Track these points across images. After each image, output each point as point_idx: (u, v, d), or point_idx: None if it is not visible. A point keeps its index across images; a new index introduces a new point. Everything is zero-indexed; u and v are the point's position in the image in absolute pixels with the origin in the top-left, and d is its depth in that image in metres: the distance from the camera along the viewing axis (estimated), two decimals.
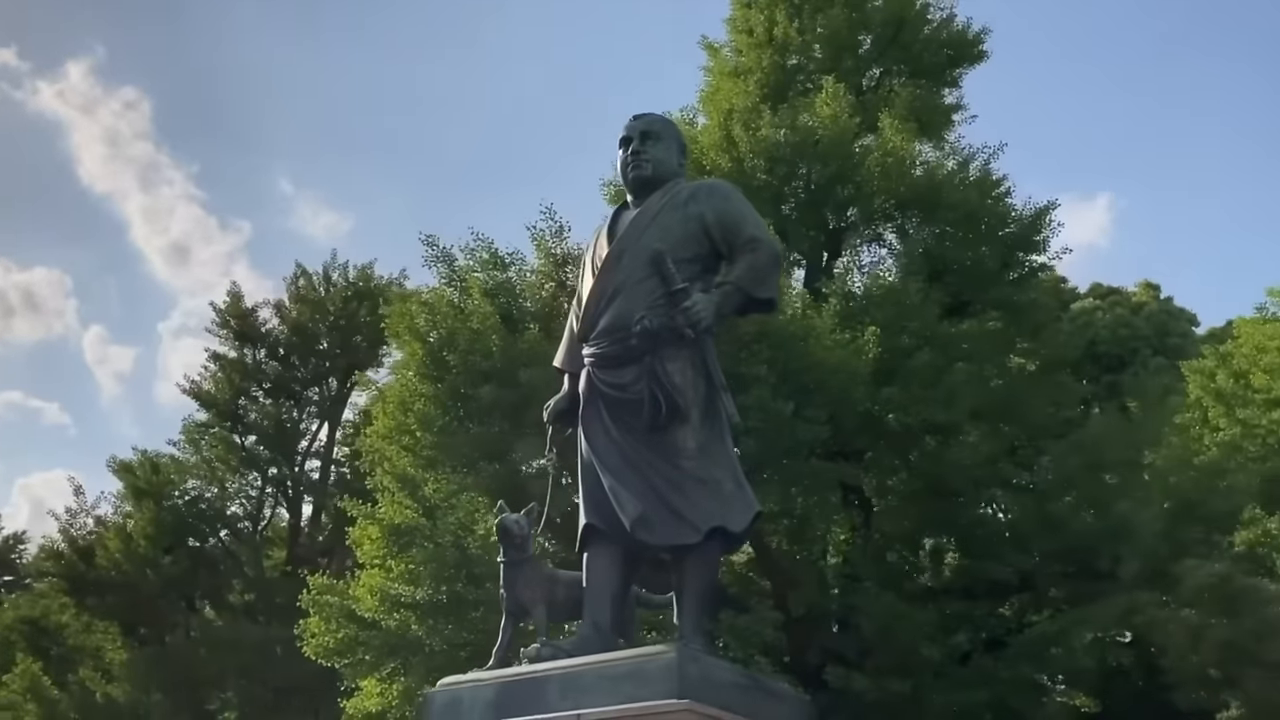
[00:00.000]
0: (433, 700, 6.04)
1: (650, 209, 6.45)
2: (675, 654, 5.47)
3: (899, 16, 21.60)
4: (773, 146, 18.12)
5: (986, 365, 17.10)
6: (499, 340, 15.14)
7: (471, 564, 14.62)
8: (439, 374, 15.71)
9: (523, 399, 15.03)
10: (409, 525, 15.06)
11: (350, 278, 33.58)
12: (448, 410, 15.70)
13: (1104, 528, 16.44)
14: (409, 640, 14.99)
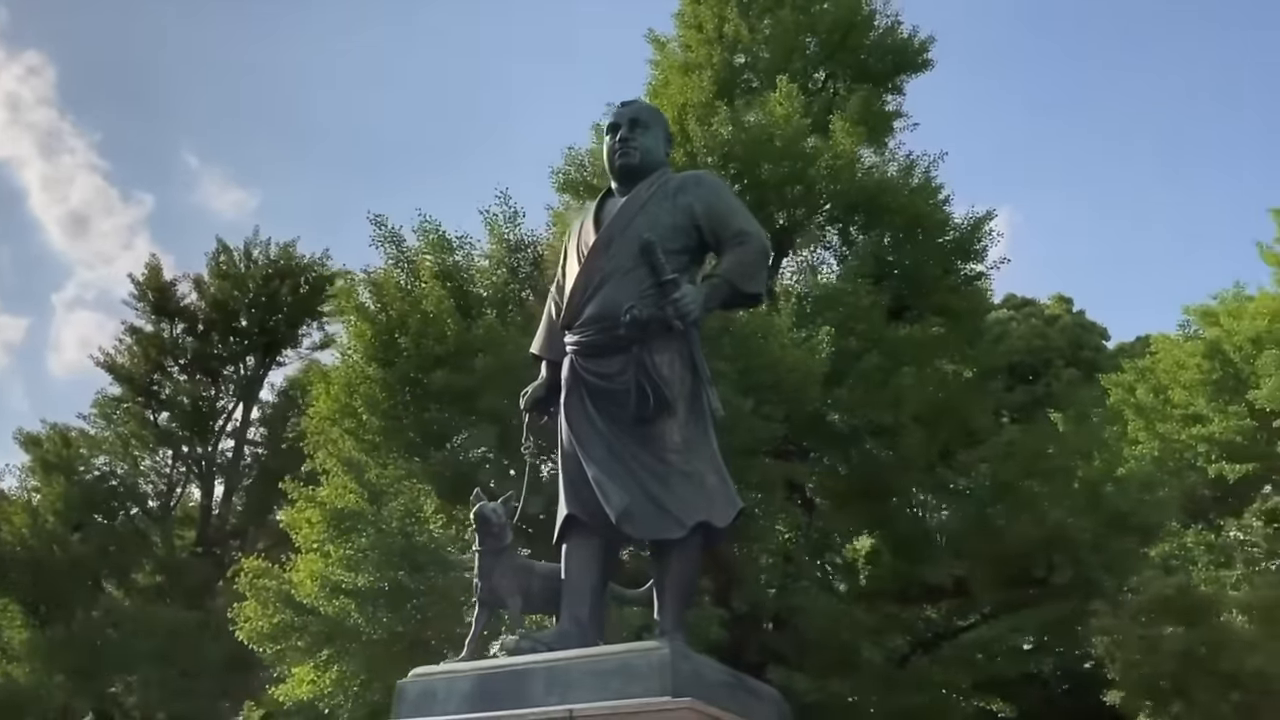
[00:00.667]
0: (405, 691, 5.85)
1: (638, 197, 6.36)
2: (668, 651, 5.36)
3: (847, 21, 21.86)
4: (727, 143, 18.14)
5: (928, 370, 17.34)
6: (453, 325, 14.88)
7: (417, 552, 14.39)
8: (388, 357, 15.40)
9: (476, 385, 14.87)
10: (352, 510, 14.72)
11: (271, 255, 32.90)
12: (395, 394, 15.39)
13: (1038, 536, 16.78)
14: (347, 627, 14.69)
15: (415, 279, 16.53)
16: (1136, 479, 18.21)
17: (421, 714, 5.73)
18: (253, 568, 15.70)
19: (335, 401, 15.76)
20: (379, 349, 15.63)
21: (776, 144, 18.31)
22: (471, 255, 17.07)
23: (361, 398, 15.31)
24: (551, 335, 6.60)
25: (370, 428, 15.23)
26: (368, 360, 15.67)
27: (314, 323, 32.94)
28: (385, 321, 15.76)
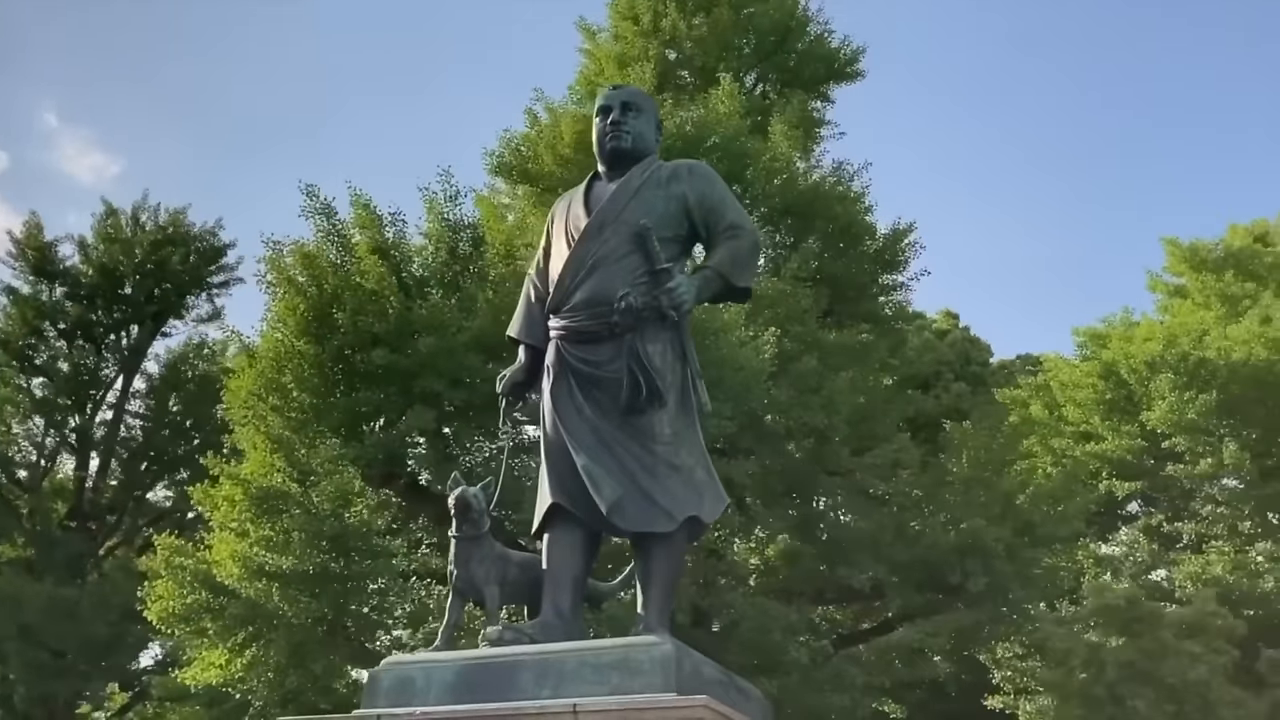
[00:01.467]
0: (378, 680, 5.59)
1: (631, 183, 6.24)
2: (671, 646, 5.25)
3: (784, 25, 22.04)
4: (670, 136, 18.07)
5: (857, 375, 17.59)
6: (396, 303, 14.47)
7: (348, 536, 13.94)
8: (321, 333, 14.87)
9: (417, 366, 14.49)
10: (278, 490, 14.16)
11: (161, 221, 31.59)
12: (327, 372, 14.89)
13: (953, 544, 17.15)
14: (267, 611, 14.14)
15: (347, 254, 16.03)
16: (1045, 492, 18.78)
17: (397, 704, 5.45)
18: (167, 545, 14.99)
19: (261, 376, 15.16)
20: (312, 324, 15.10)
21: (717, 142, 18.34)
22: (403, 233, 16.67)
23: (292, 374, 14.76)
24: (531, 319, 6.44)
25: (300, 405, 14.69)
26: (298, 335, 15.11)
27: (203, 294, 31.80)
28: (318, 296, 15.23)
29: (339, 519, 13.76)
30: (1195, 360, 22.55)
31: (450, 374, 14.43)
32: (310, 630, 14.39)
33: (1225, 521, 22.03)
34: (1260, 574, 20.14)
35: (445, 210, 16.33)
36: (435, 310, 14.46)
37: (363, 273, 15.39)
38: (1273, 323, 22.99)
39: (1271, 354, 22.48)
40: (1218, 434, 22.28)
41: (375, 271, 14.87)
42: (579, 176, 19.63)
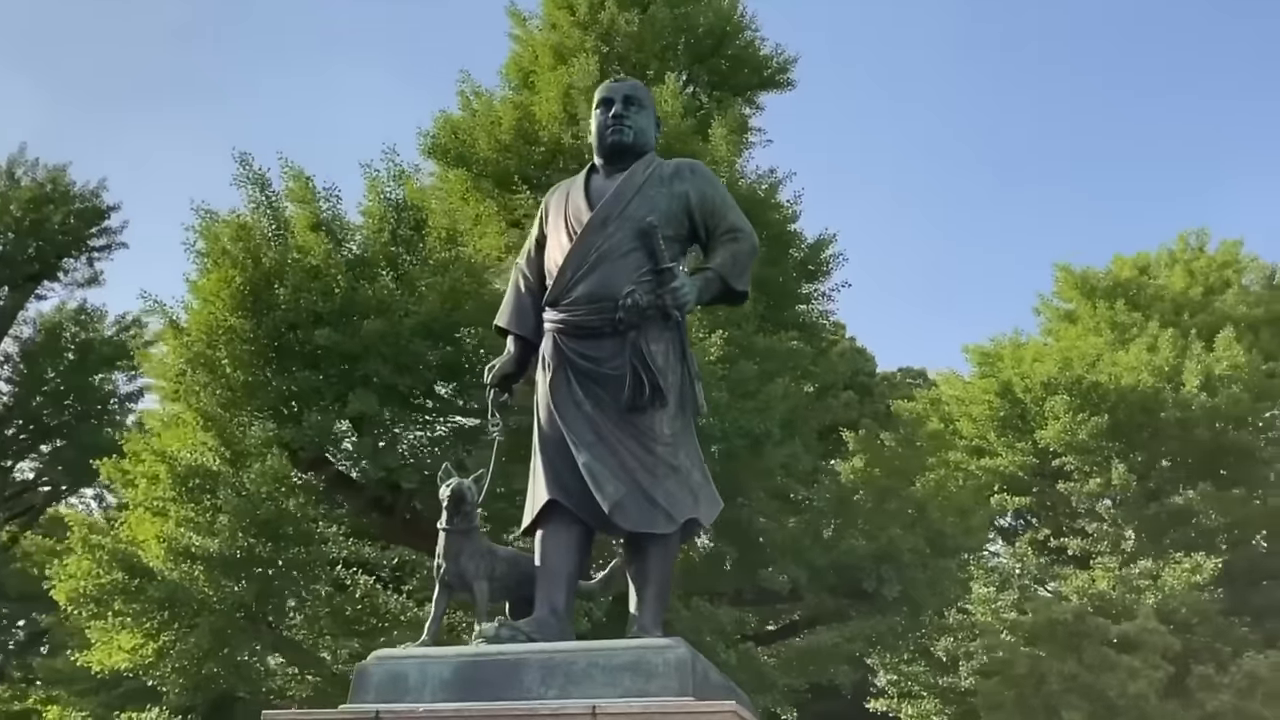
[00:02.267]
0: (367, 675, 5.43)
1: (634, 179, 6.20)
2: (685, 650, 5.25)
3: (720, 28, 22.10)
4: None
5: (788, 382, 17.77)
6: (343, 282, 14.01)
7: (283, 521, 13.44)
8: (260, 308, 14.30)
9: (360, 349, 14.08)
10: (208, 469, 13.55)
11: (39, 178, 29.98)
12: (262, 350, 14.32)
13: (869, 550, 17.50)
14: (190, 595, 13.53)
15: (280, 227, 15.46)
16: (954, 503, 19.31)
17: (389, 700, 5.31)
18: (79, 520, 14.21)
19: (188, 350, 14.49)
20: (248, 299, 14.50)
21: (659, 141, 18.28)
22: (336, 209, 16.17)
23: (226, 350, 14.15)
24: (521, 310, 6.35)
25: (234, 383, 14.10)
26: (232, 309, 14.49)
27: (82, 257, 30.30)
28: (254, 270, 14.63)
29: (274, 503, 13.24)
30: (1088, 384, 23.53)
31: (394, 358, 14.06)
32: (231, 616, 13.84)
33: (1109, 539, 23.05)
34: (1141, 590, 21.12)
35: (387, 190, 15.92)
36: (383, 292, 14.05)
37: (301, 248, 14.87)
38: (1158, 352, 24.13)
39: (1157, 381, 23.60)
40: (1106, 455, 23.29)
41: (321, 248, 14.37)
42: (517, 164, 19.39)
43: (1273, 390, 23.92)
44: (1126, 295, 26.67)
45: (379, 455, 13.97)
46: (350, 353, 14.04)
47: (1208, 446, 23.27)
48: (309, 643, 14.56)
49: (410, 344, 14.03)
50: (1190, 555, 21.11)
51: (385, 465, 13.83)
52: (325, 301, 14.09)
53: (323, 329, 13.91)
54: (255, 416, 14.03)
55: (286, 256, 14.67)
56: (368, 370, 13.99)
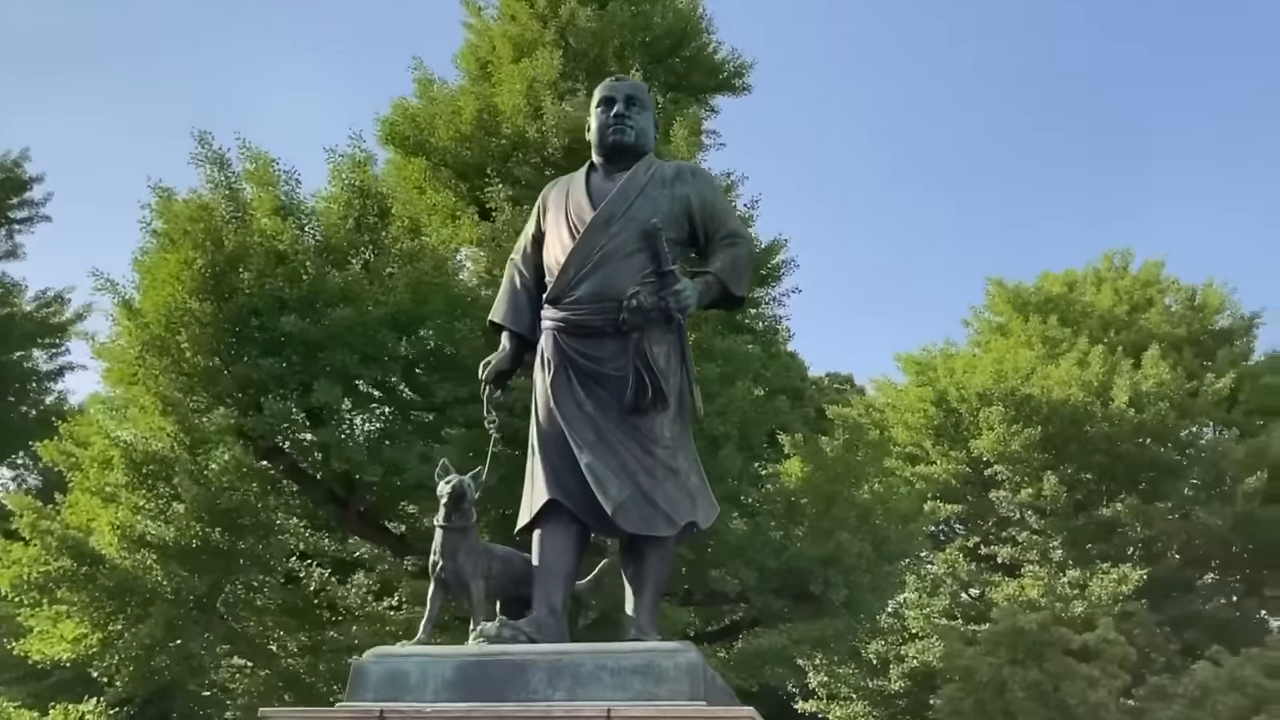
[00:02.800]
0: (365, 672, 5.37)
1: (637, 179, 6.23)
2: (695, 654, 5.31)
3: (680, 29, 22.12)
4: (579, 128, 17.86)
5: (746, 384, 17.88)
6: (312, 269, 13.70)
7: (243, 511, 13.11)
8: (222, 292, 13.92)
9: (326, 338, 13.79)
10: (164, 455, 13.15)
11: None
12: (222, 335, 13.94)
13: (817, 554, 17.66)
14: (140, 584, 13.13)
15: (239, 210, 15.07)
16: (897, 510, 19.60)
17: (389, 698, 5.26)
18: (24, 505, 13.68)
19: (144, 332, 14.05)
20: (209, 281, 14.09)
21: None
22: (295, 193, 15.83)
23: (185, 333, 13.74)
24: (517, 306, 6.34)
25: (194, 368, 13.70)
26: (192, 292, 14.08)
27: (1, 229, 29.21)
28: (215, 252, 14.23)
29: (234, 492, 12.91)
30: (1021, 396, 24.08)
31: (361, 349, 13.81)
32: (183, 607, 13.47)
33: (1037, 548, 23.63)
34: (1070, 599, 21.71)
35: (350, 176, 15.61)
36: (352, 280, 13.79)
37: (263, 231, 14.51)
38: (1088, 367, 24.79)
39: (1087, 396, 24.25)
40: (1037, 467, 23.87)
41: (289, 233, 14.04)
42: (477, 155, 19.14)
43: (1194, 408, 24.72)
44: (1057, 311, 27.34)
45: (340, 447, 13.69)
46: (315, 341, 13.75)
47: (1133, 461, 23.98)
48: (260, 636, 14.23)
49: (377, 334, 13.80)
50: (1117, 566, 21.75)
51: (348, 458, 13.56)
52: (292, 288, 13.78)
53: (289, 316, 13.60)
54: (215, 403, 13.64)
55: (247, 240, 14.31)
56: (332, 360, 13.71)
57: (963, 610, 23.33)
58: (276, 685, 14.18)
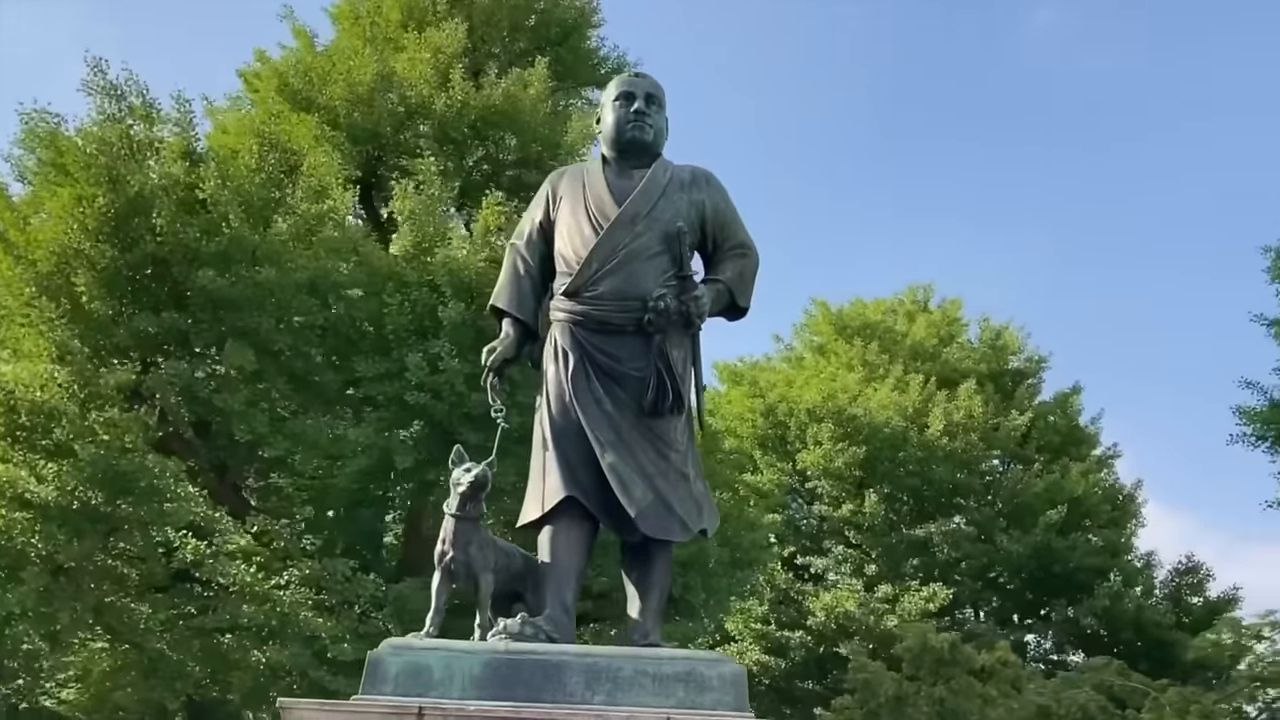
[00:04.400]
0: (383, 665, 5.20)
1: (657, 180, 6.27)
2: (737, 664, 5.42)
3: (571, 19, 21.92)
4: (485, 108, 17.47)
5: None
6: (235, 221, 12.76)
7: (136, 476, 12.06)
8: (124, 238, 12.77)
9: (246, 299, 12.90)
10: (53, 408, 11.92)
11: None
12: (120, 284, 12.79)
13: (680, 556, 17.93)
14: (10, 547, 11.87)
15: (135, 149, 13.89)
16: (746, 518, 20.06)
17: (410, 693, 5.09)
18: None
19: (33, 270, 12.73)
20: (108, 224, 12.90)
21: (526, 121, 17.98)
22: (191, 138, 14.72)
23: (82, 278, 12.52)
24: (521, 293, 6.28)
25: (92, 316, 12.51)
26: (89, 234, 12.85)
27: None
28: (116, 193, 13.05)
29: (129, 454, 11.87)
30: (847, 416, 25.17)
31: (278, 312, 13.00)
32: (55, 573, 12.29)
33: (852, 561, 24.79)
34: (881, 613, 22.89)
35: (264, 126, 14.68)
36: (275, 238, 12.95)
37: (171, 175, 13.41)
38: (907, 394, 26.19)
39: (904, 420, 25.62)
40: (858, 484, 25.03)
41: (210, 181, 13.02)
42: (370, 120, 18.32)
43: (996, 440, 26.49)
44: (876, 337, 28.67)
45: (244, 415, 12.84)
46: (229, 300, 12.84)
47: (943, 486, 25.50)
48: (131, 613, 13.14)
49: (295, 300, 13.04)
50: (927, 584, 23.09)
51: (252, 428, 12.73)
52: (209, 241, 12.79)
53: (205, 270, 12.62)
54: (110, 356, 12.51)
55: (152, 183, 13.19)
56: (246, 322, 12.84)
57: (777, 618, 24.16)
58: (140, 664, 13.16)
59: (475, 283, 13.17)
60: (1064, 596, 24.94)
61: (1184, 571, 26.18)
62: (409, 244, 13.74)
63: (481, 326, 13.25)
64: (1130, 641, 23.25)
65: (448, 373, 12.74)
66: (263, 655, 13.18)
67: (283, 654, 12.67)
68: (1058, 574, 24.30)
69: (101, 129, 13.47)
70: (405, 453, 13.07)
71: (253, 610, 12.73)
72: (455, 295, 13.18)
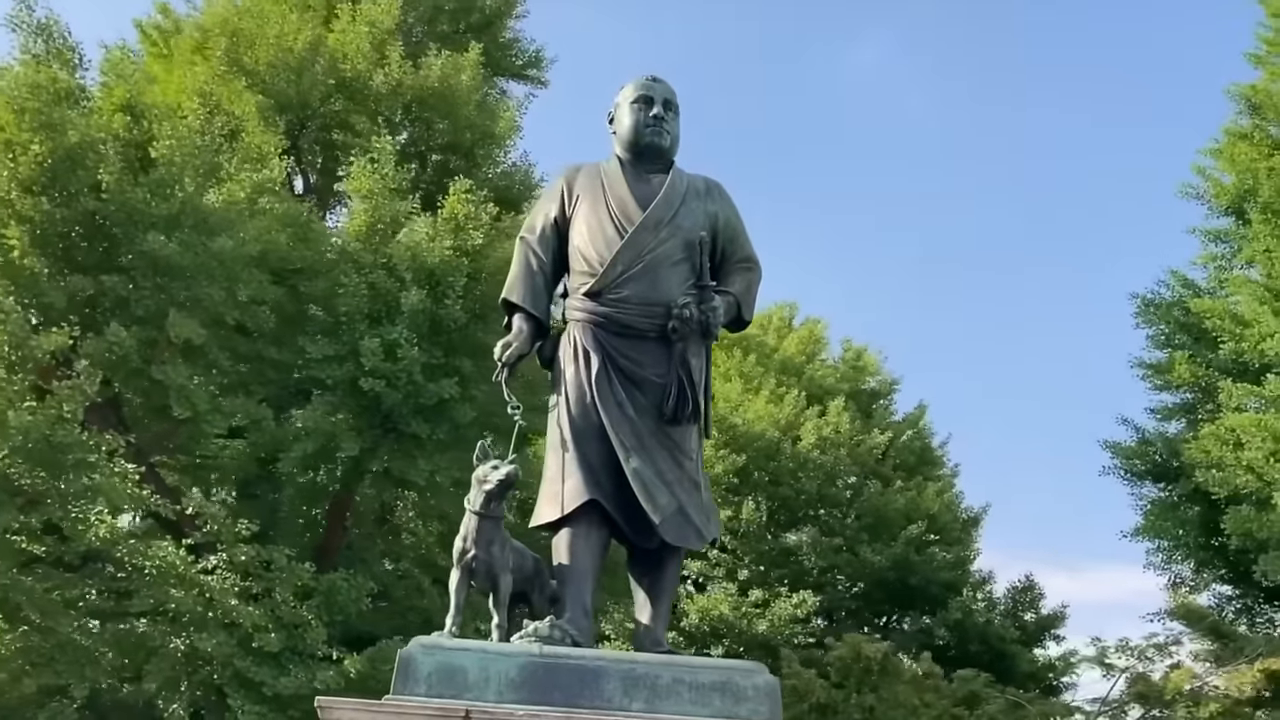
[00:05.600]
0: (416, 664, 5.15)
1: (677, 188, 6.32)
2: (771, 676, 5.48)
3: (497, 9, 21.63)
4: (421, 89, 17.09)
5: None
6: (190, 185, 12.08)
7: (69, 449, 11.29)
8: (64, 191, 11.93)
9: (196, 268, 12.24)
10: None
11: None
12: (54, 241, 11.95)
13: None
14: None
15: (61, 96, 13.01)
16: None
17: (444, 694, 5.08)
18: None
19: None
20: (42, 177, 12.03)
21: (460, 107, 17.71)
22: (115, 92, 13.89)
23: (14, 230, 11.63)
24: (535, 289, 6.24)
25: (23, 272, 11.63)
26: (19, 185, 11.94)
27: None
28: (52, 143, 12.18)
29: (70, 424, 11.11)
30: (729, 424, 25.58)
31: (228, 284, 12.38)
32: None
33: (726, 566, 25.22)
34: (753, 618, 23.39)
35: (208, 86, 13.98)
36: (231, 207, 12.34)
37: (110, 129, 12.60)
38: (781, 407, 26.83)
39: (778, 432, 26.25)
40: (738, 492, 25.48)
41: (164, 140, 12.30)
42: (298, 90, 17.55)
43: (859, 456, 27.42)
44: (754, 350, 29.24)
45: (184, 390, 12.17)
46: (177, 267, 12.15)
47: (813, 498, 26.22)
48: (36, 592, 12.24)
49: (245, 272, 12.44)
50: (796, 590, 23.74)
51: (193, 404, 12.08)
52: (159, 203, 12.07)
53: (154, 233, 11.91)
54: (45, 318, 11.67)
55: (87, 134, 12.36)
56: (194, 292, 12.19)
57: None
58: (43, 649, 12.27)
59: (439, 270, 12.86)
60: (918, 608, 26.05)
61: (1021, 590, 27.74)
62: (363, 225, 13.30)
63: (440, 315, 13.01)
64: (978, 653, 24.40)
65: (406, 361, 12.42)
66: (181, 643, 12.56)
67: (209, 642, 12.10)
68: (914, 585, 25.32)
69: (29, 71, 12.55)
70: (352, 440, 12.67)
71: (181, 595, 12.12)
72: (415, 281, 12.84)
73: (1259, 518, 15.41)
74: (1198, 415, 18.38)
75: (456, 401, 12.76)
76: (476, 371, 13.01)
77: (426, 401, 12.63)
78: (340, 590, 13.32)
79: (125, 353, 11.87)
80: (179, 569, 12.10)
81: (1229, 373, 17.62)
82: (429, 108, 17.07)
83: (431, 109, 17.06)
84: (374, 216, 13.37)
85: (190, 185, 12.14)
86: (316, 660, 12.85)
